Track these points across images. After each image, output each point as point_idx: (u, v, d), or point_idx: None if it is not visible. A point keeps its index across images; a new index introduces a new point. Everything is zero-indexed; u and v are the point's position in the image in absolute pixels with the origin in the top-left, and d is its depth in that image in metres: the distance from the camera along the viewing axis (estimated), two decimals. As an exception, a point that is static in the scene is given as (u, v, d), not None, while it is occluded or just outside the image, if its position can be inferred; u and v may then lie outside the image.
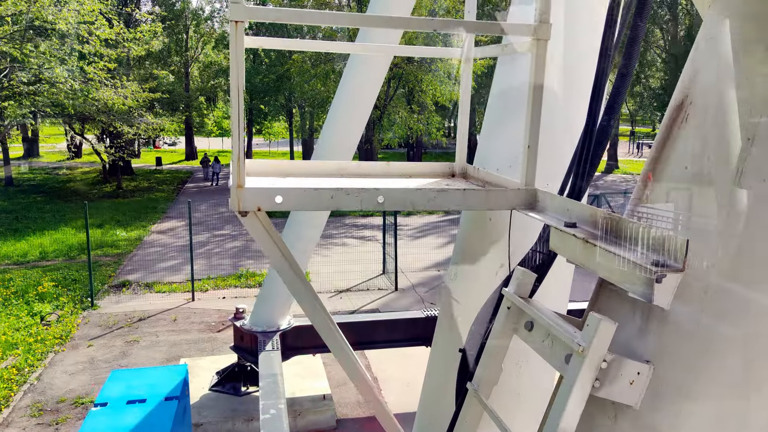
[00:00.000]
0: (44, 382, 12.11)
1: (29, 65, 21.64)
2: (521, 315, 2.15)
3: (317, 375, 11.90)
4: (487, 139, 3.33)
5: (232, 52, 2.13)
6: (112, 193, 34.44)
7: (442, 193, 2.46)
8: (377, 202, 2.40)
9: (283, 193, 2.36)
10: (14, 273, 18.68)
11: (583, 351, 1.72)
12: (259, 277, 18.71)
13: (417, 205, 2.45)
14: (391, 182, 2.99)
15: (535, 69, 2.38)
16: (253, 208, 2.30)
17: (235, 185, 2.29)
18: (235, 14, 2.11)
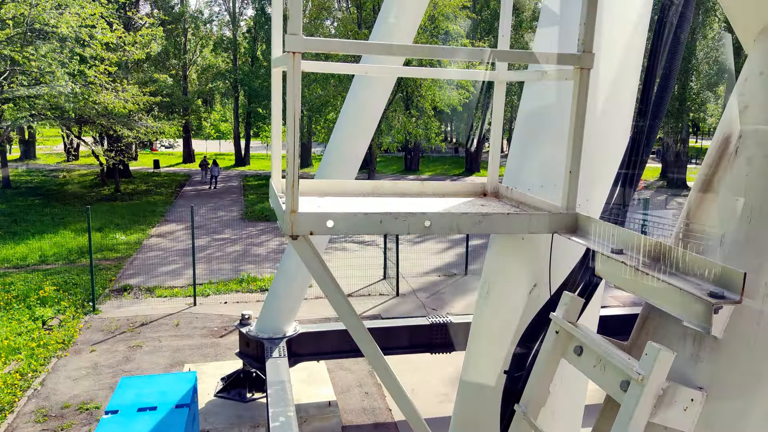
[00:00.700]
0: (48, 388, 12.09)
1: (29, 68, 21.63)
2: (570, 339, 2.20)
3: (322, 381, 11.93)
4: (517, 158, 3.37)
5: (289, 83, 2.17)
6: (110, 196, 34.39)
7: (487, 218, 2.51)
8: (424, 226, 2.45)
9: (334, 217, 2.40)
10: (14, 277, 18.63)
11: (643, 380, 1.77)
12: (260, 282, 18.74)
13: (463, 229, 2.50)
14: (431, 204, 3.03)
15: (578, 97, 2.44)
16: (306, 233, 2.34)
17: (288, 210, 2.34)
18: (292, 45, 2.15)
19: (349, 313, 2.73)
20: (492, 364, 3.36)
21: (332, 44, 2.36)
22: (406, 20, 7.64)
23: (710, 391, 1.91)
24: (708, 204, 2.15)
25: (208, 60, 50.77)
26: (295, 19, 2.16)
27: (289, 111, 2.17)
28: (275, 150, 3.15)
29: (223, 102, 57.40)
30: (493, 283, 3.27)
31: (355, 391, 12.15)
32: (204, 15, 50.37)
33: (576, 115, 2.45)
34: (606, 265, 2.19)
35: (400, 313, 16.48)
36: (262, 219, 29.37)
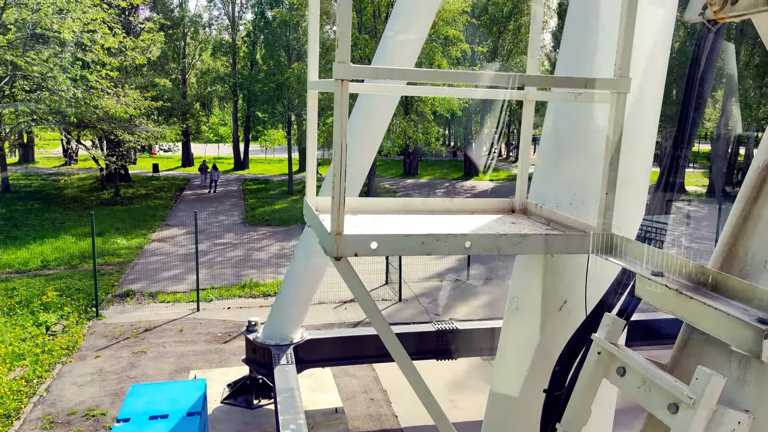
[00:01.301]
0: (54, 394, 12.10)
1: (31, 72, 21.64)
2: (612, 360, 2.25)
3: (328, 388, 11.96)
4: (543, 174, 3.42)
5: (336, 109, 2.21)
6: (109, 200, 34.37)
7: (526, 238, 2.56)
8: (464, 247, 2.50)
9: (378, 239, 2.45)
10: (17, 282, 18.62)
11: (694, 404, 1.82)
12: (263, 287, 18.76)
13: (503, 250, 2.55)
14: (463, 222, 3.08)
15: (615, 122, 2.49)
16: (350, 254, 2.39)
17: (334, 232, 2.38)
18: (341, 73, 2.19)
19: (389, 334, 2.78)
20: (521, 378, 3.40)
21: (379, 71, 2.41)
22: (413, 34, 7.75)
23: (757, 414, 1.96)
24: (750, 229, 2.20)
25: (207, 64, 50.81)
26: (344, 48, 2.21)
27: (336, 136, 2.21)
28: (309, 168, 3.19)
29: (221, 106, 57.42)
30: (523, 299, 3.31)
31: (361, 397, 12.18)
32: (203, 19, 50.48)
33: (612, 138, 2.50)
34: (646, 287, 2.24)
35: (404, 319, 16.52)
36: (262, 223, 29.39)
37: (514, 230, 2.81)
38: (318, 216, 2.82)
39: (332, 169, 2.36)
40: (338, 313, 16.92)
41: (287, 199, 36.61)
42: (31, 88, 22.79)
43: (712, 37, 2.43)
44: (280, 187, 41.35)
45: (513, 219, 3.16)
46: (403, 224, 2.87)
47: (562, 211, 3.12)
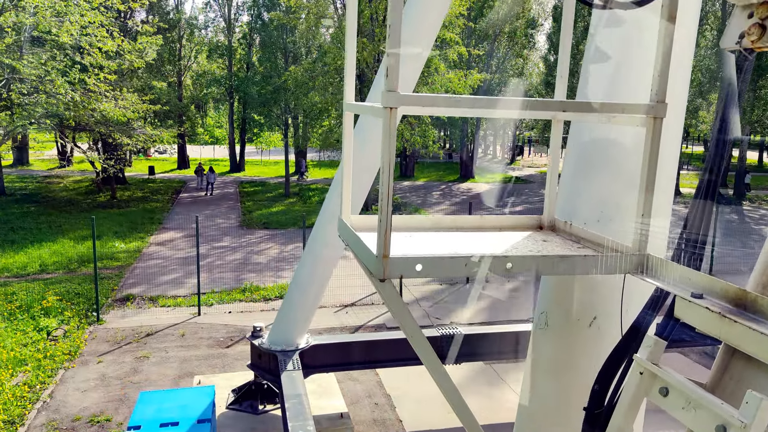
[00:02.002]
0: (57, 400, 12.08)
1: (29, 75, 21.58)
2: (655, 380, 2.31)
3: (332, 393, 11.99)
4: (570, 190, 3.47)
5: (384, 135, 2.27)
6: (106, 203, 34.28)
7: (564, 259, 2.63)
8: (506, 268, 2.56)
9: (423, 261, 2.50)
10: (16, 286, 18.56)
11: (745, 428, 1.88)
12: (263, 291, 18.77)
13: (542, 271, 2.61)
14: (494, 239, 3.13)
15: (651, 145, 2.55)
16: (396, 276, 2.44)
17: (381, 254, 2.43)
18: (390, 101, 2.24)
19: (432, 357, 2.83)
20: (552, 394, 3.46)
21: (427, 99, 2.46)
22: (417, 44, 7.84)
23: (802, 435, 2.03)
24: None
25: (203, 66, 50.75)
26: (393, 77, 2.26)
27: (384, 163, 2.26)
28: (345, 187, 3.24)
29: (216, 107, 57.31)
30: (552, 316, 3.37)
31: (365, 402, 12.22)
32: (199, 21, 50.41)
33: (648, 162, 2.57)
34: (686, 309, 2.30)
35: (405, 323, 16.58)
36: (260, 227, 29.39)
37: (551, 251, 2.87)
38: (358, 236, 2.86)
39: (380, 194, 2.41)
40: (339, 317, 16.96)
41: (284, 202, 36.61)
42: (28, 92, 22.73)
43: (749, 65, 2.49)
44: (276, 190, 41.34)
45: (543, 236, 3.21)
46: (438, 243, 2.92)
47: (590, 227, 3.19)
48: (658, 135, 2.54)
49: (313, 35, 36.09)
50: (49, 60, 21.96)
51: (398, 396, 12.45)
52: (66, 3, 20.99)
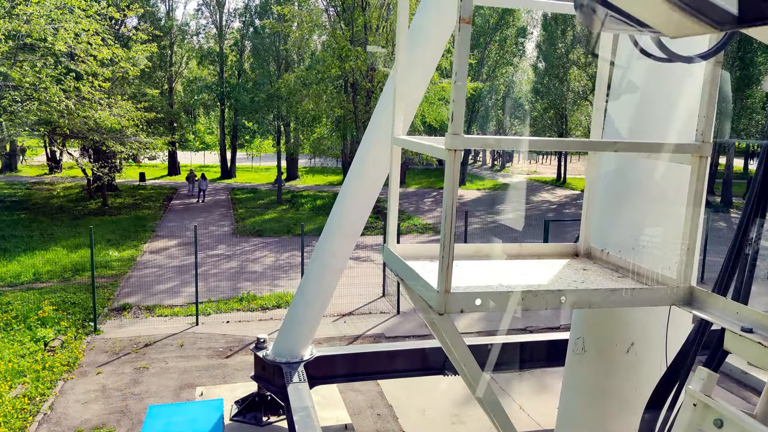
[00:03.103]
0: (58, 412, 12.02)
1: (23, 83, 21.47)
2: (708, 412, 2.40)
3: (335, 404, 12.03)
4: (604, 217, 3.56)
5: (447, 175, 2.36)
6: (97, 210, 34.09)
7: (614, 293, 2.72)
8: (560, 302, 2.65)
9: (482, 296, 2.59)
10: (10, 296, 18.42)
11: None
12: (260, 300, 18.76)
13: (594, 304, 2.70)
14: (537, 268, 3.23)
15: (696, 183, 2.66)
16: (456, 311, 2.52)
17: (442, 290, 2.52)
18: (454, 144, 2.34)
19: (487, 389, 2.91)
20: (588, 418, 3.54)
21: (489, 141, 2.56)
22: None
23: None
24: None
25: (194, 72, 50.66)
26: (458, 122, 2.35)
27: (447, 200, 2.35)
28: (391, 216, 3.32)
29: (207, 114, 57.14)
30: (590, 341, 3.46)
31: (367, 413, 12.27)
32: (191, 27, 50.35)
33: (694, 198, 2.67)
34: (737, 343, 2.40)
35: (404, 332, 16.65)
36: (254, 234, 29.36)
37: (596, 282, 2.96)
38: (411, 267, 2.94)
39: (442, 231, 2.50)
40: (338, 326, 16.99)
41: (277, 209, 36.60)
42: (21, 99, 22.61)
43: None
44: (268, 197, 41.32)
45: (582, 265, 3.31)
46: (485, 273, 3.01)
47: (624, 255, 3.29)
48: (703, 172, 2.65)
49: (305, 43, 36.18)
50: (44, 68, 21.87)
51: (399, 406, 12.51)
52: (61, 11, 20.93)
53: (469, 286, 2.68)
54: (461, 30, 2.23)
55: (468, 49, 2.31)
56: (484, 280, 2.93)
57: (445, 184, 2.40)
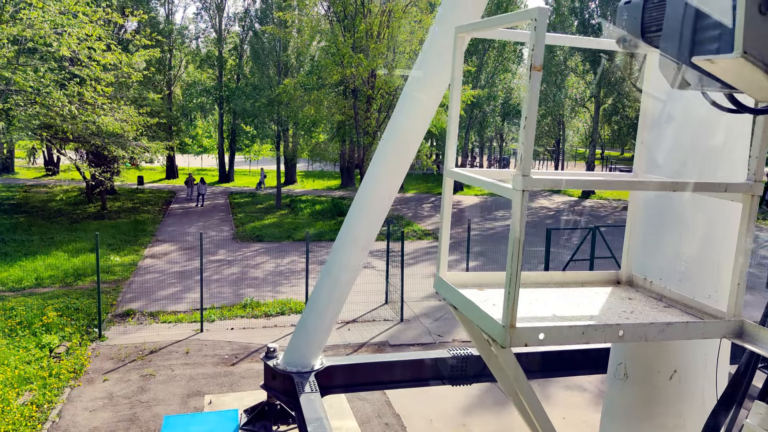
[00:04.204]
0: (66, 420, 12.04)
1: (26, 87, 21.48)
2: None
3: (344, 413, 12.09)
4: (645, 245, 3.64)
5: (515, 215, 2.44)
6: (96, 214, 34.04)
7: (670, 326, 2.81)
8: (618, 335, 2.75)
9: (545, 330, 2.67)
10: (13, 301, 18.40)
11: None
12: (263, 307, 18.80)
13: (649, 337, 2.79)
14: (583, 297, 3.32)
15: (748, 220, 2.76)
16: (521, 344, 2.60)
17: (508, 324, 2.60)
18: (524, 185, 2.42)
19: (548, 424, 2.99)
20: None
21: (557, 181, 2.65)
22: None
23: None
24: None
25: (193, 76, 50.66)
26: (527, 162, 2.44)
27: (515, 237, 2.43)
28: (443, 245, 3.40)
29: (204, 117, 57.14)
30: (632, 368, 3.54)
31: (375, 422, 12.34)
32: (191, 31, 50.37)
33: (745, 235, 2.77)
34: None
35: (408, 340, 16.73)
36: (254, 239, 29.39)
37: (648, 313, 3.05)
38: (471, 300, 3.00)
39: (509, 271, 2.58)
40: (342, 334, 17.05)
41: (276, 214, 36.63)
42: (24, 103, 22.61)
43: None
44: (266, 201, 41.34)
45: (626, 293, 3.40)
46: (537, 304, 3.09)
47: (665, 283, 3.39)
48: (754, 210, 2.75)
49: (306, 48, 36.25)
50: (47, 72, 21.89)
51: (407, 416, 12.58)
52: (66, 16, 20.96)
53: (526, 317, 2.76)
54: (532, 77, 2.32)
55: (537, 95, 2.40)
56: (538, 310, 3.02)
57: (511, 224, 2.49)
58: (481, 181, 2.86)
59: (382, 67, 29.85)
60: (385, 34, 30.44)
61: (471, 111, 47.73)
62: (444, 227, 3.33)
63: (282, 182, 44.54)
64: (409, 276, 22.38)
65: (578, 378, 14.10)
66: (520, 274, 2.51)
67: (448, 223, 3.32)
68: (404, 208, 41.35)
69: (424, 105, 9.25)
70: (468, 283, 3.32)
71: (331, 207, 36.88)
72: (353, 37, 30.23)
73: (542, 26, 2.33)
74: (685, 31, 1.82)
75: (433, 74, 8.73)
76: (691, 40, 1.81)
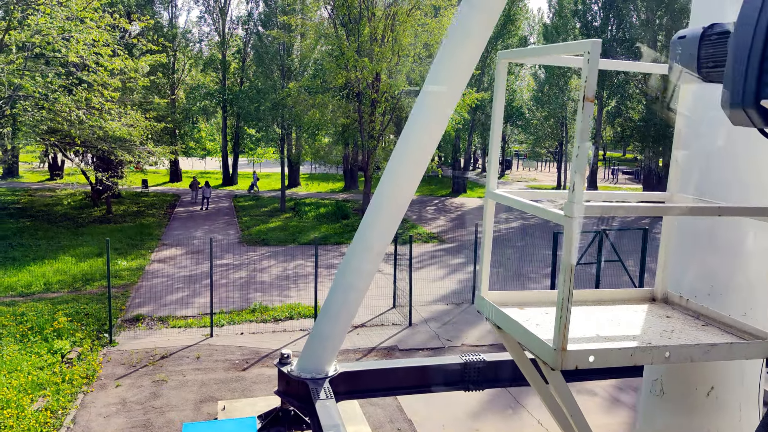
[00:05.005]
0: (81, 426, 12.11)
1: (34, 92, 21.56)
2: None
3: (356, 419, 12.16)
4: (680, 261, 3.68)
5: (566, 241, 2.51)
6: (102, 218, 34.11)
7: (714, 347, 2.88)
8: (665, 357, 2.81)
9: (595, 353, 2.74)
10: (23, 306, 18.47)
11: None
12: (272, 312, 18.86)
13: (695, 358, 2.86)
14: (623, 315, 3.38)
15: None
16: (572, 367, 2.67)
17: (559, 347, 2.66)
18: (573, 211, 2.50)
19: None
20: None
21: (608, 208, 2.71)
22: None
23: None
24: None
25: (196, 79, 50.76)
26: (579, 190, 2.51)
27: (566, 268, 2.50)
28: (485, 263, 3.46)
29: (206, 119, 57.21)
30: (669, 384, 3.60)
31: (387, 427, 12.40)
32: (194, 35, 50.51)
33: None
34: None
35: (417, 344, 16.79)
36: (260, 243, 29.45)
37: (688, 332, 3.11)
38: (518, 322, 3.06)
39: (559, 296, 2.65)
40: (351, 338, 17.10)
41: (280, 217, 36.68)
42: (32, 109, 22.70)
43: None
44: (271, 204, 41.39)
45: (663, 311, 3.47)
46: (576, 321, 3.15)
47: (699, 301, 3.45)
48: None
49: (311, 52, 36.34)
50: (55, 78, 21.98)
51: (419, 421, 12.65)
52: (74, 22, 21.05)
53: (573, 338, 2.82)
54: (585, 108, 2.39)
55: (589, 125, 2.47)
56: (581, 330, 3.08)
57: (564, 249, 2.55)
58: (529, 206, 2.93)
59: (386, 71, 29.91)
60: (389, 37, 30.51)
61: (474, 113, 47.79)
62: (485, 248, 3.39)
63: (285, 185, 44.62)
64: (415, 280, 22.42)
65: (589, 383, 14.15)
66: (571, 298, 2.57)
67: (489, 244, 3.38)
68: (408, 211, 41.35)
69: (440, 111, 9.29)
70: (507, 302, 3.38)
71: (335, 210, 36.93)
72: (358, 41, 30.30)
73: (595, 58, 2.40)
74: (751, 72, 1.88)
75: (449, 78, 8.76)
76: (758, 80, 1.87)
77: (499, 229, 35.88)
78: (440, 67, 9.00)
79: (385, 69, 30.34)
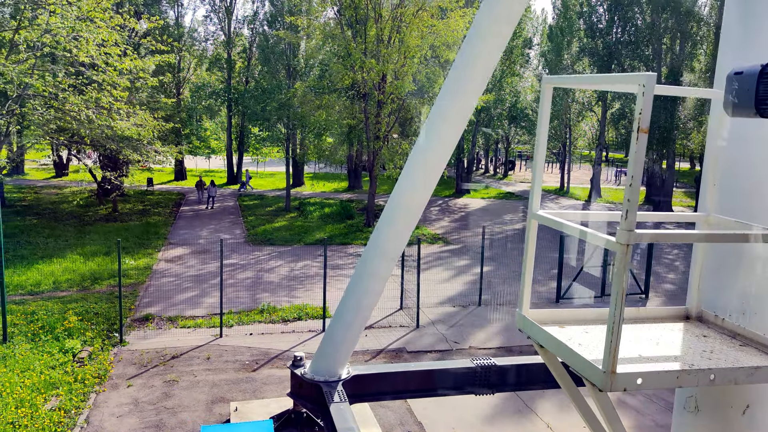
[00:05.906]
0: (94, 426, 12.21)
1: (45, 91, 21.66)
2: None
3: (368, 421, 12.25)
4: (714, 280, 3.75)
5: (618, 264, 2.59)
6: (108, 216, 34.22)
7: (759, 370, 2.96)
8: (710, 379, 2.89)
9: (643, 376, 2.82)
10: (33, 305, 18.58)
11: None
12: (281, 312, 18.94)
13: (739, 381, 2.93)
14: (660, 334, 3.46)
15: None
16: (620, 389, 2.74)
17: (608, 370, 2.74)
18: (627, 239, 2.57)
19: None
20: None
21: (664, 237, 2.79)
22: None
23: None
24: None
25: (201, 78, 50.84)
26: (632, 218, 2.59)
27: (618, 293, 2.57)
28: (526, 282, 3.54)
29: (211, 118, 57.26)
30: (703, 401, 3.68)
31: (398, 430, 12.49)
32: (200, 34, 50.59)
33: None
34: None
35: (425, 347, 16.87)
36: (266, 243, 29.53)
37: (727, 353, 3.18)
38: (565, 344, 3.13)
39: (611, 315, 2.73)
40: (359, 340, 17.15)
41: (285, 217, 36.77)
42: (41, 108, 22.80)
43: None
44: (276, 203, 41.48)
45: (700, 330, 3.54)
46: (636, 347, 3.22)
47: (733, 320, 3.53)
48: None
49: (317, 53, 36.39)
50: (65, 77, 22.07)
51: (429, 424, 12.73)
52: (84, 22, 21.13)
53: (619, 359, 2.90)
54: (639, 139, 2.47)
55: (644, 155, 2.54)
56: (623, 350, 3.15)
57: (615, 275, 2.63)
58: (578, 230, 3.00)
59: (393, 72, 29.97)
60: (395, 39, 30.57)
61: (478, 115, 47.85)
62: (527, 267, 3.47)
63: (290, 184, 44.69)
64: (422, 281, 22.46)
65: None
66: (622, 322, 2.65)
67: (531, 265, 3.46)
68: (413, 212, 41.41)
69: (457, 117, 9.41)
70: (547, 320, 3.46)
71: (340, 210, 37.01)
72: (364, 42, 30.35)
73: (650, 91, 2.47)
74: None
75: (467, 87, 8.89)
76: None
77: (504, 230, 35.94)
78: (458, 74, 9.10)
79: (391, 70, 30.39)
